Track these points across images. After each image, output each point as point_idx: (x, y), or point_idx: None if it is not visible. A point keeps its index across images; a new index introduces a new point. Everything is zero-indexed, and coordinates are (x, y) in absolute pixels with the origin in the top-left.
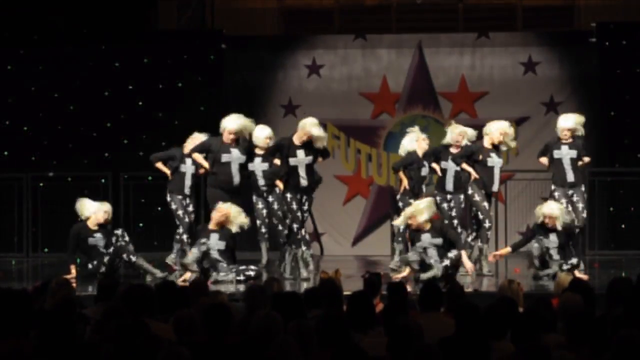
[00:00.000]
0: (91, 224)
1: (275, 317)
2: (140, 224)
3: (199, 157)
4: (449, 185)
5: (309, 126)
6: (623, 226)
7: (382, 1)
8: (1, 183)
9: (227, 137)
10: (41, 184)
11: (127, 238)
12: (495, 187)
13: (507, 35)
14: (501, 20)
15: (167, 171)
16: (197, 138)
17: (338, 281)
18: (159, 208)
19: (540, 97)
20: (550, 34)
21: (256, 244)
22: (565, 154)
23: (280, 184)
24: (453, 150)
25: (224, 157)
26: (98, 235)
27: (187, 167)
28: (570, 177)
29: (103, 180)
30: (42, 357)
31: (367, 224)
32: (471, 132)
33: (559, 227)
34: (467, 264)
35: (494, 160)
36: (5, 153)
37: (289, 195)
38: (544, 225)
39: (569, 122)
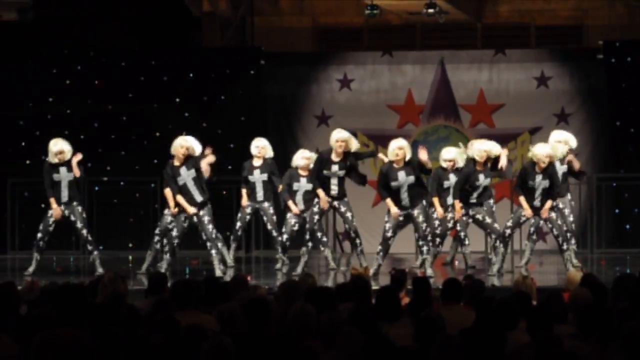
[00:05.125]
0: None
1: (310, 310)
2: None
3: None
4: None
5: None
6: (628, 226)
7: (408, 20)
8: None
9: None
10: (96, 188)
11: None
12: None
13: (522, 52)
14: (516, 38)
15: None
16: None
17: (367, 277)
18: None
19: (552, 109)
20: (561, 50)
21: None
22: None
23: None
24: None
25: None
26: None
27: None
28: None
29: (152, 185)
30: (98, 348)
31: None
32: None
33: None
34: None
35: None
36: None
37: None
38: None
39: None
